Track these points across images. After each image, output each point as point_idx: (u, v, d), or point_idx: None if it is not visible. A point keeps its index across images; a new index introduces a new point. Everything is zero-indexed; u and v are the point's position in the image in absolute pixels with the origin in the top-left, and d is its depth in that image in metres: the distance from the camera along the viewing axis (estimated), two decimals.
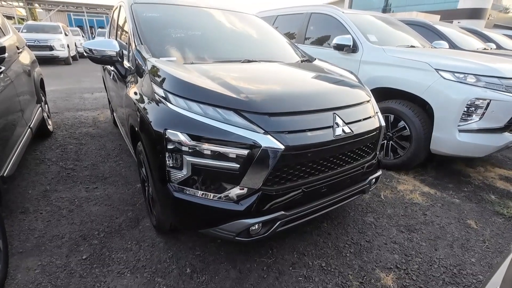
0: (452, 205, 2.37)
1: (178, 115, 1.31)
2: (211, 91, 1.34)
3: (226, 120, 1.26)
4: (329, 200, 1.54)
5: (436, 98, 2.49)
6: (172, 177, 1.36)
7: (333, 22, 3.52)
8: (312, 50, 3.52)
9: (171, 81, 1.42)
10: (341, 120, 1.44)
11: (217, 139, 1.24)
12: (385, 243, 1.88)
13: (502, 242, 1.95)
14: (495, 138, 2.42)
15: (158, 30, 2.02)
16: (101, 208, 2.12)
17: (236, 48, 2.21)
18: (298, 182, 1.38)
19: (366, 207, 2.29)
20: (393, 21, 4.05)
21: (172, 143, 1.29)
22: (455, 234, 2.01)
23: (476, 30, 6.15)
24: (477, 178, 2.90)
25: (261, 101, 1.34)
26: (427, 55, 2.74)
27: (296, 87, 1.62)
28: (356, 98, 1.66)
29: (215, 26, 2.35)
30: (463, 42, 4.70)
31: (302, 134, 1.32)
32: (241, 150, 1.23)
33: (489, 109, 2.32)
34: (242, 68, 1.81)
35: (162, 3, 2.32)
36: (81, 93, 6.24)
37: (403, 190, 2.56)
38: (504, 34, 6.97)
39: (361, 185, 1.72)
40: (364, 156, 1.68)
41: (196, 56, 1.88)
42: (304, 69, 2.07)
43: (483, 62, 2.51)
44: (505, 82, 2.36)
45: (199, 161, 1.27)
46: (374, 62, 2.99)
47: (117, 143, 3.39)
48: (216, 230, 1.37)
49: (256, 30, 2.60)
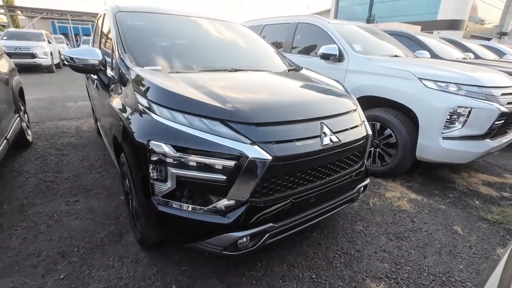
0: (438, 212, 2.40)
1: (162, 125, 1.26)
2: (196, 101, 1.31)
3: (212, 131, 1.23)
4: (318, 210, 1.52)
5: (420, 106, 2.55)
6: (156, 189, 1.31)
7: (319, 32, 3.58)
8: (299, 59, 3.55)
9: (155, 91, 1.38)
10: (328, 129, 1.44)
11: (202, 150, 1.21)
12: (374, 252, 1.87)
13: (488, 247, 1.98)
14: (477, 144, 2.49)
15: (143, 38, 1.98)
16: (82, 222, 2.02)
17: (222, 57, 2.20)
18: (287, 192, 1.36)
19: (355, 215, 2.28)
20: (377, 31, 4.16)
21: (156, 155, 1.24)
22: (442, 240, 2.02)
23: (455, 40, 6.41)
24: (462, 184, 2.96)
25: (247, 111, 1.31)
26: (411, 64, 2.82)
27: (283, 97, 1.61)
28: (343, 107, 1.67)
29: (202, 35, 2.34)
30: (444, 52, 4.88)
31: (290, 144, 1.30)
32: (228, 161, 1.20)
33: (471, 116, 2.39)
34: (228, 77, 1.79)
35: (147, 11, 2.29)
36: (64, 101, 6.07)
37: (391, 197, 2.58)
38: (481, 45, 7.30)
39: (350, 193, 1.71)
40: (352, 164, 1.68)
41: (181, 65, 1.85)
42: (291, 78, 2.07)
43: (464, 72, 2.59)
44: (484, 91, 2.44)
45: (184, 173, 1.23)
46: (360, 71, 3.04)
47: (101, 153, 3.29)
48: (203, 244, 1.32)
49: (243, 39, 2.61)
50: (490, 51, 6.91)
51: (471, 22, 33.86)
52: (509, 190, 2.86)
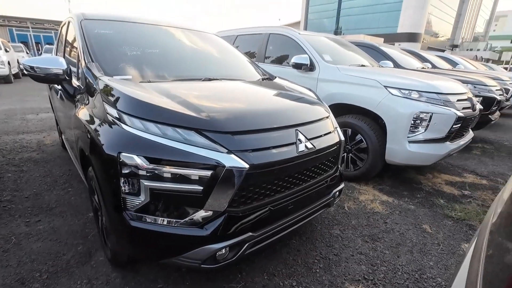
0: (408, 212, 2.52)
1: (134, 136, 1.21)
2: (170, 110, 1.28)
3: (186, 141, 1.20)
4: (296, 217, 1.53)
5: (386, 112, 2.70)
6: (128, 204, 1.24)
7: (291, 42, 3.69)
8: (272, 69, 3.63)
9: (125, 101, 1.33)
10: (303, 136, 1.47)
11: (177, 160, 1.17)
12: (352, 255, 1.91)
13: (453, 243, 2.10)
14: (439, 147, 2.68)
15: (112, 47, 1.91)
16: (45, 244, 1.86)
17: (196, 66, 2.18)
18: (265, 200, 1.35)
19: (332, 220, 2.33)
20: (344, 42, 4.38)
21: (127, 167, 1.19)
22: (413, 239, 2.12)
23: (414, 52, 6.93)
24: (427, 184, 3.15)
25: (223, 120, 1.30)
26: (376, 73, 2.99)
27: (258, 105, 1.62)
28: (316, 115, 1.71)
29: (174, 44, 2.31)
30: (405, 62, 5.24)
31: (266, 151, 1.31)
32: (204, 171, 1.17)
33: (432, 121, 2.57)
34: (202, 86, 1.77)
35: (115, 19, 2.22)
36: (24, 114, 5.64)
37: (365, 200, 2.67)
38: (437, 55, 7.96)
39: (326, 198, 1.74)
40: (327, 170, 1.72)
41: (153, 74, 1.80)
42: (265, 87, 2.10)
43: (424, 80, 2.80)
44: (442, 97, 2.65)
45: (159, 185, 1.18)
46: (330, 80, 3.16)
47: (66, 168, 3.08)
48: (180, 259, 1.27)
49: (216, 49, 2.61)
50: (445, 62, 7.55)
51: (427, 35, 37.03)
52: (469, 189, 3.09)
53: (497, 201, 0.81)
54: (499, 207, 0.70)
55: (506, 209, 0.62)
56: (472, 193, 2.99)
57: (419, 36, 33.79)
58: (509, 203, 0.63)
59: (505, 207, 0.63)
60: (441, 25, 40.21)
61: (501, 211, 0.63)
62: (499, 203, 0.73)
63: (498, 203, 0.78)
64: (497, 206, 0.72)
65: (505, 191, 0.83)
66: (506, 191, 0.79)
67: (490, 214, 0.76)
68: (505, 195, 0.73)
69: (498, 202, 0.76)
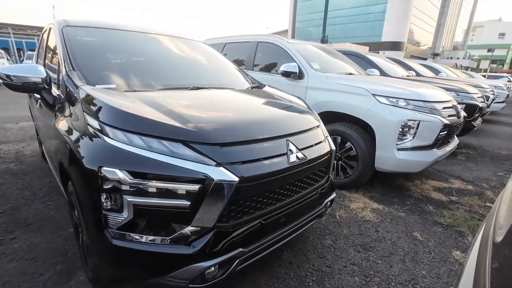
0: (399, 219, 2.52)
1: (117, 149, 1.15)
2: (155, 121, 1.22)
3: (173, 153, 1.15)
4: (288, 229, 1.49)
5: (375, 120, 2.71)
6: (110, 221, 1.16)
7: (279, 50, 3.70)
8: (261, 77, 3.61)
9: (108, 111, 1.26)
10: (294, 146, 1.43)
11: (163, 174, 1.11)
12: (344, 266, 1.87)
13: (444, 251, 2.10)
14: (427, 154, 2.71)
15: (95, 55, 1.84)
16: (20, 264, 1.73)
17: (183, 74, 2.13)
18: (255, 214, 1.30)
19: (323, 230, 2.29)
20: (332, 50, 4.44)
21: (109, 182, 1.12)
22: (405, 248, 2.11)
23: (398, 60, 7.12)
24: (416, 191, 3.18)
25: (211, 131, 1.26)
26: (364, 81, 3.02)
27: (247, 115, 1.58)
28: (306, 124, 1.69)
29: (161, 52, 2.25)
30: (391, 70, 5.36)
31: (257, 163, 1.26)
32: (192, 185, 1.12)
33: (419, 129, 2.60)
34: (190, 95, 1.72)
35: (100, 27, 2.14)
36: (2, 123, 5.40)
37: (356, 209, 2.65)
38: (420, 64, 8.21)
39: (318, 209, 1.71)
40: (319, 180, 1.69)
41: (139, 83, 1.74)
42: (255, 96, 2.07)
43: (410, 88, 2.84)
44: (428, 105, 2.70)
45: (143, 201, 1.12)
46: (319, 88, 3.18)
47: (46, 180, 2.93)
48: (166, 279, 1.19)
49: (205, 57, 2.57)
50: (428, 70, 7.79)
51: (410, 44, 38.46)
52: (456, 194, 3.13)
53: (495, 211, 0.79)
54: (501, 219, 0.68)
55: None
56: (459, 198, 3.03)
57: (402, 45, 35.06)
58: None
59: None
60: (423, 35, 41.91)
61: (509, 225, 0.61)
62: (498, 216, 0.71)
63: (496, 216, 0.76)
64: (497, 219, 0.70)
65: (502, 202, 0.81)
66: (504, 202, 0.78)
67: (490, 225, 0.75)
68: (503, 206, 0.72)
69: (497, 213, 0.75)
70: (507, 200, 0.67)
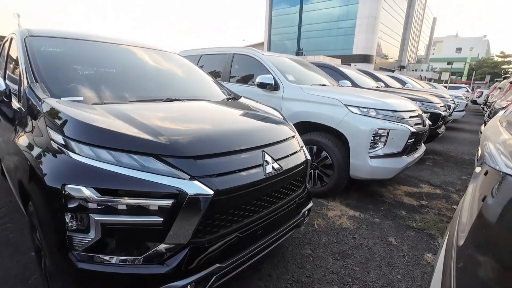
0: (374, 225, 2.59)
1: (83, 165, 1.08)
2: (125, 134, 1.17)
3: (144, 168, 1.10)
4: (266, 241, 1.47)
5: (348, 129, 2.81)
6: (75, 243, 1.08)
7: (255, 62, 3.76)
8: (238, 88, 3.64)
9: (73, 125, 1.19)
10: (270, 157, 1.44)
11: (133, 190, 1.06)
12: (323, 275, 1.87)
13: (417, 254, 2.18)
14: (397, 161, 2.83)
15: (60, 66, 1.75)
16: None
17: (156, 86, 2.08)
18: (232, 227, 1.27)
19: (302, 239, 2.29)
20: (305, 63, 4.59)
21: (74, 201, 1.04)
22: (381, 253, 2.16)
23: (368, 72, 7.50)
24: (389, 196, 3.30)
25: (185, 143, 1.23)
26: (337, 92, 3.13)
27: (222, 126, 1.57)
28: (282, 134, 1.71)
29: (133, 63, 2.19)
30: (361, 81, 5.63)
31: (232, 175, 1.25)
32: (164, 200, 1.08)
33: (389, 137, 2.72)
34: (163, 107, 1.68)
35: (67, 37, 2.06)
36: None
37: (333, 216, 2.70)
38: (388, 75, 8.70)
39: (296, 219, 1.71)
40: (295, 190, 1.70)
41: (108, 96, 1.67)
42: (230, 107, 2.07)
43: (380, 98, 2.99)
44: (397, 115, 2.84)
45: (112, 219, 1.05)
46: (294, 99, 3.25)
47: (6, 199, 2.70)
48: None
49: (179, 68, 2.54)
50: (395, 81, 8.28)
51: (378, 57, 40.86)
52: (425, 198, 3.29)
53: (458, 216, 0.83)
54: (461, 224, 0.72)
55: (472, 229, 0.64)
56: (429, 202, 3.18)
57: (371, 58, 37.19)
58: (476, 222, 0.64)
59: (472, 227, 0.64)
60: (390, 48, 44.77)
61: (468, 230, 0.64)
62: (460, 219, 0.75)
63: (459, 219, 0.81)
64: (459, 222, 0.74)
65: (463, 206, 0.86)
66: (465, 206, 0.82)
67: (454, 228, 0.78)
68: (464, 210, 0.76)
69: (459, 218, 0.79)
70: (467, 205, 0.72)
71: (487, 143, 0.88)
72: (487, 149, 0.80)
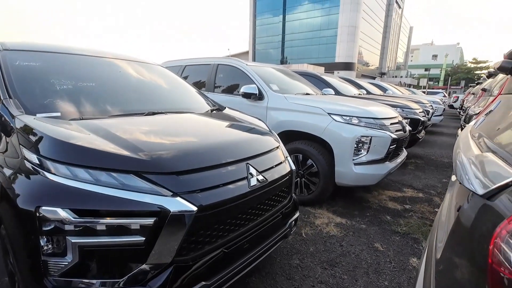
0: (361, 232, 2.61)
1: (58, 186, 1.04)
2: (103, 152, 1.13)
3: (124, 186, 1.07)
4: (253, 255, 1.45)
5: (332, 137, 2.86)
6: (50, 268, 1.03)
7: (239, 72, 3.79)
8: (223, 98, 3.64)
9: (48, 143, 1.15)
10: (254, 169, 1.43)
11: (113, 210, 1.03)
12: (312, 285, 1.86)
13: (403, 259, 2.21)
14: (381, 167, 2.90)
15: (37, 81, 1.69)
16: None
17: (138, 99, 2.05)
18: (218, 243, 1.25)
19: (290, 249, 2.28)
20: (289, 72, 4.66)
21: (49, 224, 1.00)
22: (368, 260, 2.18)
23: (351, 80, 7.71)
24: (374, 202, 3.35)
25: (167, 159, 1.21)
26: (320, 101, 3.19)
27: (206, 139, 1.56)
28: (266, 146, 1.71)
29: (113, 76, 2.15)
30: (344, 89, 5.77)
31: (216, 190, 1.23)
32: (146, 219, 1.05)
33: (372, 144, 2.79)
34: (144, 121, 1.65)
35: (45, 50, 2.00)
36: None
37: (320, 224, 2.71)
38: (369, 82, 8.98)
39: (283, 230, 1.70)
40: (281, 200, 1.70)
41: (87, 111, 1.62)
42: (214, 119, 2.06)
43: (361, 106, 3.07)
44: (378, 122, 2.92)
45: (90, 241, 1.01)
46: (279, 108, 3.28)
47: None
48: None
49: (161, 80, 2.52)
50: (376, 88, 8.54)
51: (360, 64, 42.22)
52: (409, 202, 3.37)
53: (436, 226, 0.86)
54: (439, 234, 0.73)
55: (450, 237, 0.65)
56: (412, 206, 3.26)
57: (353, 65, 38.38)
58: (452, 230, 0.66)
59: (448, 237, 0.65)
60: (370, 56, 46.40)
61: (446, 240, 0.66)
62: (438, 230, 0.77)
63: (438, 224, 0.83)
64: (437, 232, 0.76)
65: (442, 214, 0.88)
66: (443, 215, 0.84)
67: (433, 240, 0.80)
68: (441, 221, 0.78)
69: (437, 228, 0.81)
70: (445, 214, 0.74)
71: (457, 155, 0.92)
72: (457, 162, 0.83)
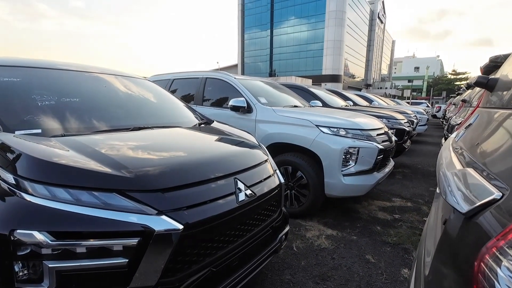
0: (352, 243, 2.60)
1: (36, 207, 0.99)
2: (84, 170, 1.09)
3: (106, 205, 1.03)
4: (243, 272, 1.40)
5: (320, 149, 2.88)
6: None
7: (227, 86, 3.81)
8: (211, 111, 3.64)
9: (26, 162, 1.10)
10: (242, 184, 1.41)
11: (94, 231, 0.98)
12: None
13: (394, 270, 2.20)
14: (369, 177, 2.92)
15: (16, 97, 1.64)
16: None
17: (123, 114, 2.01)
18: (205, 261, 1.21)
19: (282, 264, 2.24)
20: (277, 85, 4.72)
21: (24, 248, 0.94)
22: (360, 272, 2.15)
23: (337, 91, 7.88)
24: (364, 212, 3.36)
25: (151, 176, 1.17)
26: (308, 113, 3.23)
27: (193, 154, 1.53)
28: (254, 159, 1.70)
29: (98, 91, 2.11)
30: (331, 101, 5.88)
31: (203, 207, 1.20)
32: (129, 239, 1.00)
33: (360, 155, 2.82)
34: (129, 137, 1.61)
35: (26, 65, 1.95)
36: None
37: (311, 237, 2.68)
38: (356, 94, 9.20)
39: (273, 245, 1.67)
40: (271, 215, 1.68)
41: (70, 127, 1.58)
42: (202, 133, 2.04)
43: (348, 118, 3.12)
44: (365, 133, 2.97)
45: (69, 265, 0.96)
46: (268, 121, 3.30)
47: None
48: None
49: (148, 95, 2.49)
50: (362, 99, 8.75)
51: (346, 76, 43.45)
52: (398, 212, 3.39)
53: (424, 238, 0.86)
54: (428, 240, 0.73)
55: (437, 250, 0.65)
56: (402, 216, 3.28)
57: (340, 77, 39.45)
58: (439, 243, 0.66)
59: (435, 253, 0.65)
60: (356, 68, 47.88)
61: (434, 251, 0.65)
62: (426, 242, 0.77)
63: (426, 236, 0.82)
64: (427, 239, 0.76)
65: (429, 227, 0.89)
66: (429, 228, 0.85)
67: (422, 246, 0.80)
68: (429, 235, 0.78)
69: (427, 235, 0.81)
70: (432, 227, 0.74)
71: (441, 166, 0.93)
72: (441, 174, 0.84)
